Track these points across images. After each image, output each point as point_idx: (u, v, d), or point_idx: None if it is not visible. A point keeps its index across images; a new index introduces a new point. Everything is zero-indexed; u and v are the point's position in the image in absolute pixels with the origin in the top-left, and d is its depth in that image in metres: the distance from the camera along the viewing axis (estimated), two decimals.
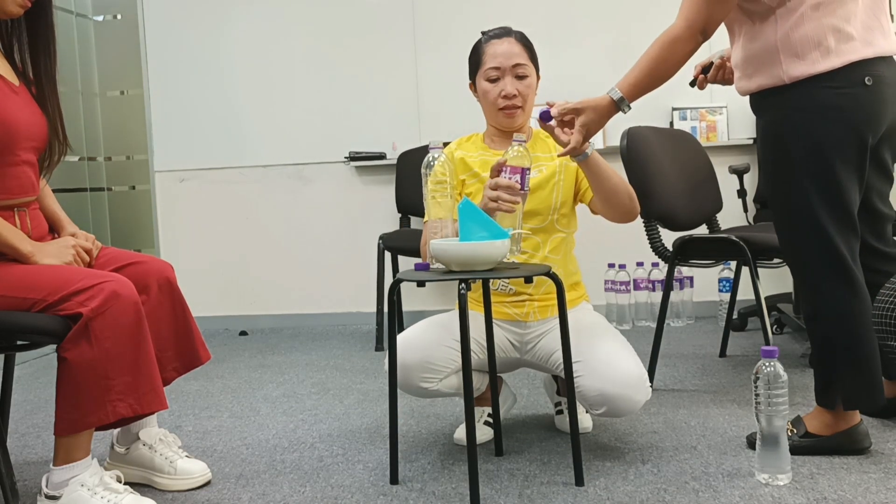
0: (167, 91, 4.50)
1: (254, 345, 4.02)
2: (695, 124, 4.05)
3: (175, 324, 2.02)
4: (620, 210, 2.05)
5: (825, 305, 1.94)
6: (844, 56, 1.83)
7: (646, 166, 2.63)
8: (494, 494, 1.87)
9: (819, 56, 1.84)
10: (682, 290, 4.02)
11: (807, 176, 1.89)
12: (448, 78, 4.10)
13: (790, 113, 1.90)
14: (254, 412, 2.72)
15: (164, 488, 2.01)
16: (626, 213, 2.06)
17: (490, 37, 2.15)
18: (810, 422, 2.04)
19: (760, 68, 1.93)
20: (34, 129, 1.92)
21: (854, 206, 1.91)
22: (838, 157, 1.87)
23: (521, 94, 2.11)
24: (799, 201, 1.91)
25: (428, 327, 2.14)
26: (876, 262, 2.03)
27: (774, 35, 1.88)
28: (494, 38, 2.14)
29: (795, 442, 2.00)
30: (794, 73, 1.87)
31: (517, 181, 1.85)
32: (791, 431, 2.02)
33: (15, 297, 1.76)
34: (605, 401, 1.96)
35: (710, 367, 3.05)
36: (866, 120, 1.86)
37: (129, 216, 4.68)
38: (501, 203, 1.84)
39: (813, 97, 1.87)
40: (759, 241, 2.58)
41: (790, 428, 2.02)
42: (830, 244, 1.90)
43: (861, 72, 1.84)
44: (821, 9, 1.83)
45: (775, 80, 1.91)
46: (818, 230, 1.90)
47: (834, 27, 1.83)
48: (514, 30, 2.16)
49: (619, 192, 2.01)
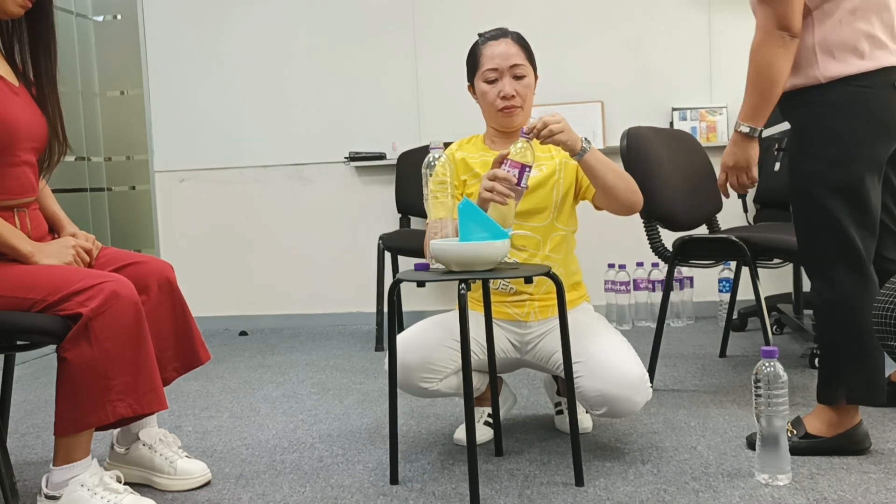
0: (167, 91, 4.50)
1: (254, 345, 4.02)
2: (695, 124, 4.05)
3: (175, 324, 2.02)
4: (621, 204, 2.05)
5: (837, 299, 1.97)
6: (877, 60, 1.90)
7: (646, 166, 2.63)
8: (494, 495, 1.87)
9: (854, 58, 1.90)
10: (682, 291, 4.02)
11: (831, 170, 1.93)
12: (448, 78, 4.10)
13: (822, 110, 1.95)
14: (254, 412, 2.72)
15: (163, 488, 2.01)
16: (628, 206, 2.06)
17: (487, 38, 2.15)
18: (811, 422, 2.04)
19: (796, 70, 1.97)
20: (34, 129, 1.92)
21: (875, 205, 1.95)
22: (864, 154, 1.92)
23: (519, 95, 2.11)
24: (822, 195, 1.95)
25: (428, 327, 2.14)
26: None
27: (812, 38, 1.94)
28: (491, 39, 2.14)
29: (795, 443, 2.00)
30: (829, 72, 1.92)
31: (515, 175, 1.85)
32: (791, 432, 2.02)
33: (15, 297, 1.76)
34: (606, 401, 1.96)
35: (710, 367, 3.05)
36: (893, 122, 1.93)
37: (129, 216, 4.68)
38: (496, 194, 1.85)
39: (845, 95, 1.92)
40: (759, 242, 2.58)
41: (790, 429, 2.02)
42: (848, 239, 1.93)
43: (891, 77, 1.91)
44: (857, 13, 1.90)
45: (810, 80, 1.96)
46: (837, 224, 1.93)
47: (868, 33, 1.90)
48: (510, 30, 2.16)
49: (618, 187, 2.01)
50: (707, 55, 4.09)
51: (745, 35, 4.00)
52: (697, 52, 4.09)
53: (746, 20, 2.17)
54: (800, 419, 2.06)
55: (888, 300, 1.77)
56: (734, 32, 4.04)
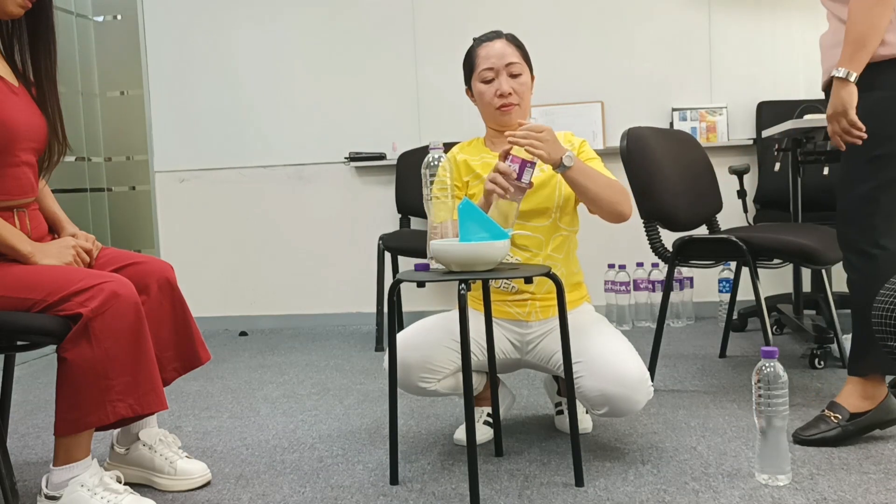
0: (167, 91, 4.50)
1: (254, 345, 4.02)
2: (695, 125, 4.05)
3: (175, 324, 2.02)
4: (606, 214, 2.05)
5: (879, 266, 2.01)
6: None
7: (646, 167, 2.63)
8: (494, 495, 1.87)
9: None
10: (681, 291, 4.02)
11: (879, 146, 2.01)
12: (448, 79, 4.11)
13: (874, 92, 2.01)
14: (254, 413, 2.72)
15: (163, 489, 2.01)
16: (614, 217, 2.06)
17: (481, 40, 2.17)
18: (849, 402, 2.09)
19: None
20: (34, 130, 1.92)
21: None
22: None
23: (516, 92, 2.11)
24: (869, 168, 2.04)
25: (428, 327, 2.14)
26: None
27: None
28: (486, 40, 2.16)
29: (845, 427, 2.05)
30: (880, 52, 1.98)
31: (515, 170, 1.86)
32: (835, 418, 2.04)
33: (15, 298, 1.76)
34: (607, 400, 1.96)
35: (710, 367, 3.05)
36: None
37: (129, 216, 4.68)
38: (497, 186, 1.87)
39: (891, 77, 1.99)
40: (759, 242, 2.58)
41: (832, 415, 2.06)
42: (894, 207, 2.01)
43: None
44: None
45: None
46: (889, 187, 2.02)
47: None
48: (504, 32, 2.18)
49: (602, 199, 2.00)
50: (707, 55, 4.09)
51: (745, 35, 4.03)
52: (697, 52, 4.09)
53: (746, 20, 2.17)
54: (836, 403, 2.09)
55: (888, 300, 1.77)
56: (734, 32, 4.04)
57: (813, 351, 2.92)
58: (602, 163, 2.16)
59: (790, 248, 2.53)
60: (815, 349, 2.91)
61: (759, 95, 4.03)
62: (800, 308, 3.32)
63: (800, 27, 4.02)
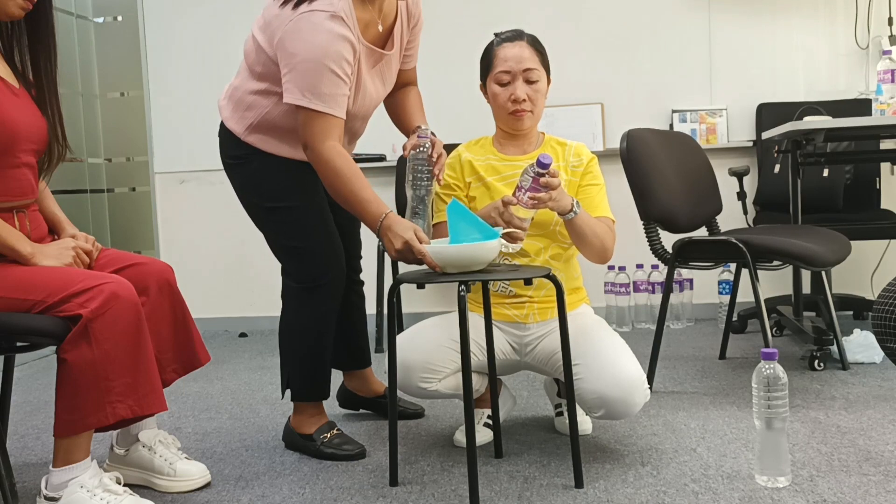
0: (167, 93, 4.50)
1: (253, 346, 4.01)
2: (695, 126, 4.05)
3: (175, 325, 2.02)
4: (592, 257, 2.11)
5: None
6: None
7: (645, 168, 2.63)
8: (494, 496, 1.87)
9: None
10: (681, 293, 4.02)
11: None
12: (447, 80, 4.10)
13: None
14: (253, 414, 2.72)
15: (163, 490, 2.01)
16: (599, 260, 2.12)
17: (502, 39, 2.15)
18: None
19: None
20: (34, 131, 1.92)
21: None
22: None
23: (530, 99, 2.11)
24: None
25: (429, 328, 2.15)
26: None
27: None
28: (506, 41, 2.14)
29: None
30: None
31: None
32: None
33: (15, 299, 1.76)
34: (604, 403, 1.96)
35: (710, 369, 3.05)
36: None
37: (130, 218, 4.68)
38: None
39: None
40: (759, 244, 2.58)
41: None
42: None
43: None
44: None
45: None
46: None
47: None
48: (526, 33, 2.16)
49: (593, 246, 2.07)
50: (707, 57, 4.09)
51: (745, 37, 4.03)
52: (697, 53, 4.09)
53: (747, 22, 2.17)
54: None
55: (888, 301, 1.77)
56: (734, 34, 4.04)
57: (813, 353, 2.91)
58: (604, 189, 2.18)
59: (790, 250, 2.53)
60: (814, 351, 2.91)
61: (759, 97, 4.02)
62: (799, 310, 3.32)
63: (800, 29, 4.02)
